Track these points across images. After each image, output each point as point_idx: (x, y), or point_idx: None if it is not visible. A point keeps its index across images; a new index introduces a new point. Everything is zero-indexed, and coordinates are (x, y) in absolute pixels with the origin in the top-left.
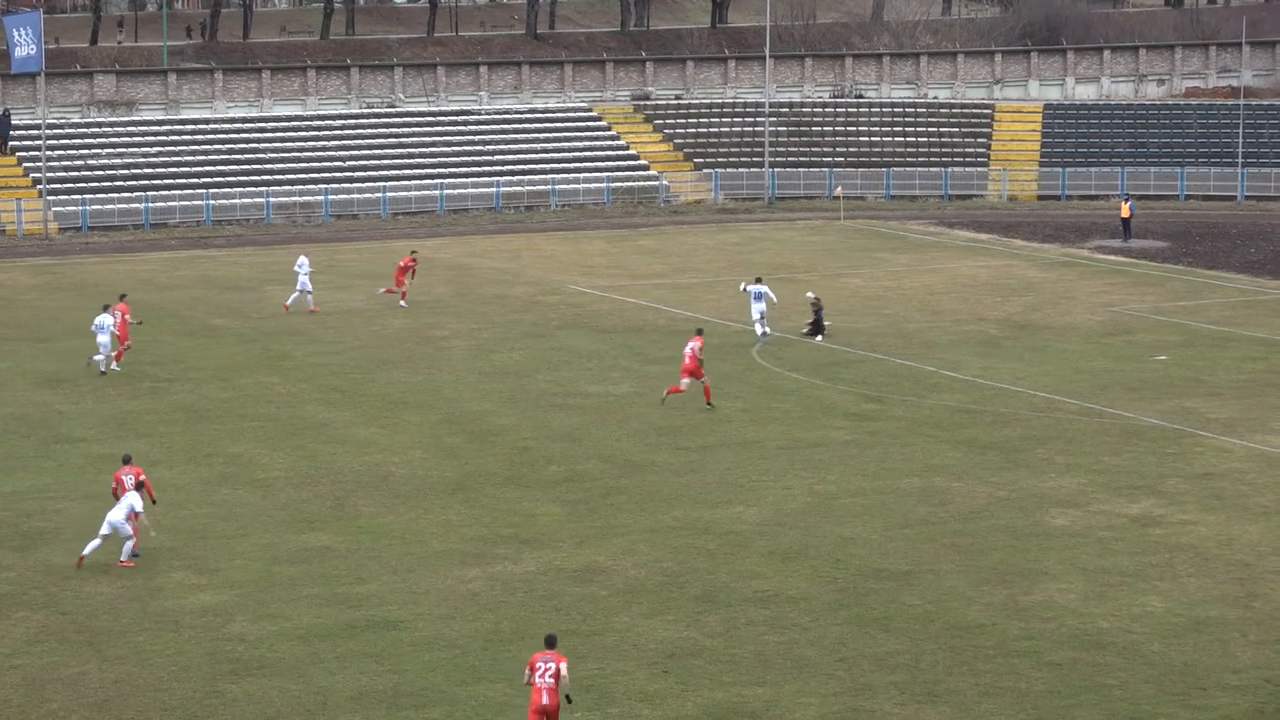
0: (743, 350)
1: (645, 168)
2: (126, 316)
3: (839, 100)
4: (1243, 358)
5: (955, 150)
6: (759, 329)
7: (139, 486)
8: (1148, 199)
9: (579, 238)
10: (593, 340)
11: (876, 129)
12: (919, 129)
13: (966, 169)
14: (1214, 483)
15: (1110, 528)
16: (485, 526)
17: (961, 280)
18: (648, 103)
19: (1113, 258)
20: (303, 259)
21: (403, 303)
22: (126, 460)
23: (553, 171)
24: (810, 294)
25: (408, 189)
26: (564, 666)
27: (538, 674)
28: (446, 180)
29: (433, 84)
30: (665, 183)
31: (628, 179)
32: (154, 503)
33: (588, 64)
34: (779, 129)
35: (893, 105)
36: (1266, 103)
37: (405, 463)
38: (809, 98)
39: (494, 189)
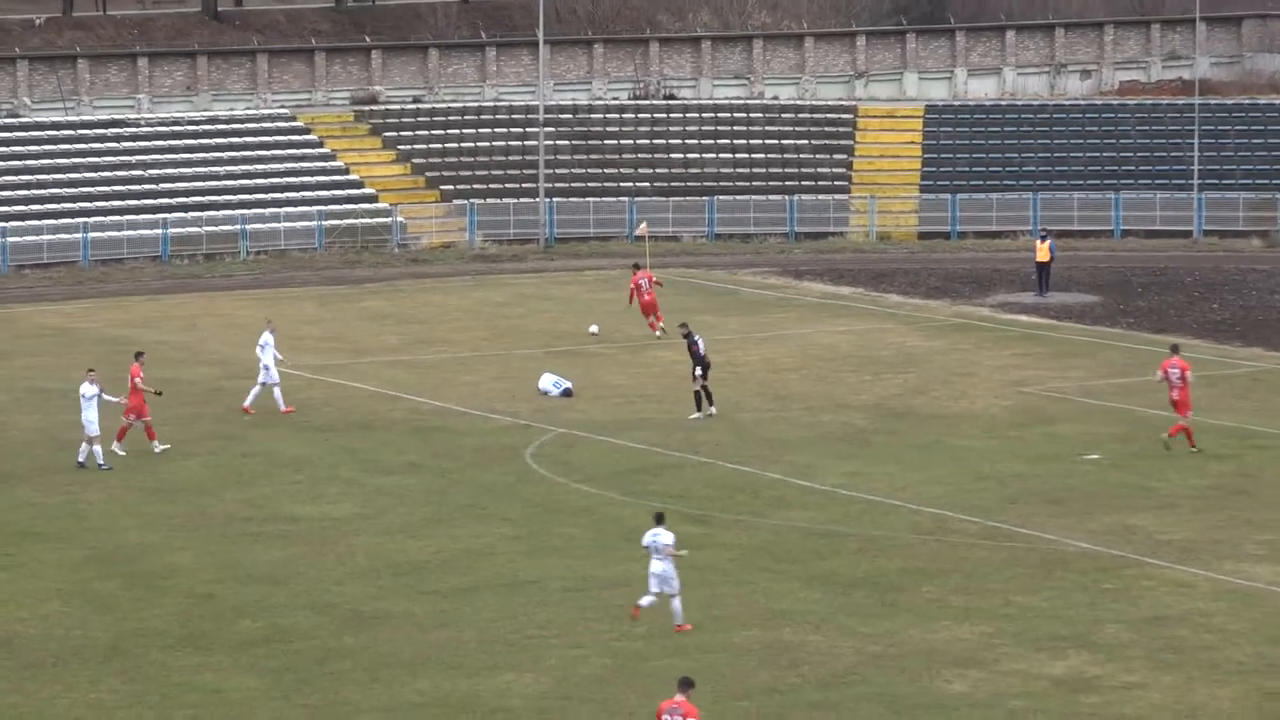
0: (513, 453)
1: (372, 199)
2: (138, 381)
3: (641, 102)
4: (1204, 456)
5: (804, 172)
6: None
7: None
8: (1070, 235)
9: (280, 298)
10: (301, 442)
11: (694, 142)
12: (754, 142)
13: (820, 197)
14: (1168, 630)
15: (1027, 694)
16: (151, 708)
17: (816, 352)
18: (375, 107)
19: (1024, 318)
20: (267, 336)
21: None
22: None
23: (242, 206)
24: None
25: (37, 231)
26: None
27: None
28: (92, 219)
29: (71, 83)
30: (401, 219)
31: (347, 215)
32: None
33: (290, 54)
34: (559, 143)
35: (716, 109)
36: (1230, 101)
37: (37, 619)
38: (600, 99)
39: (159, 231)
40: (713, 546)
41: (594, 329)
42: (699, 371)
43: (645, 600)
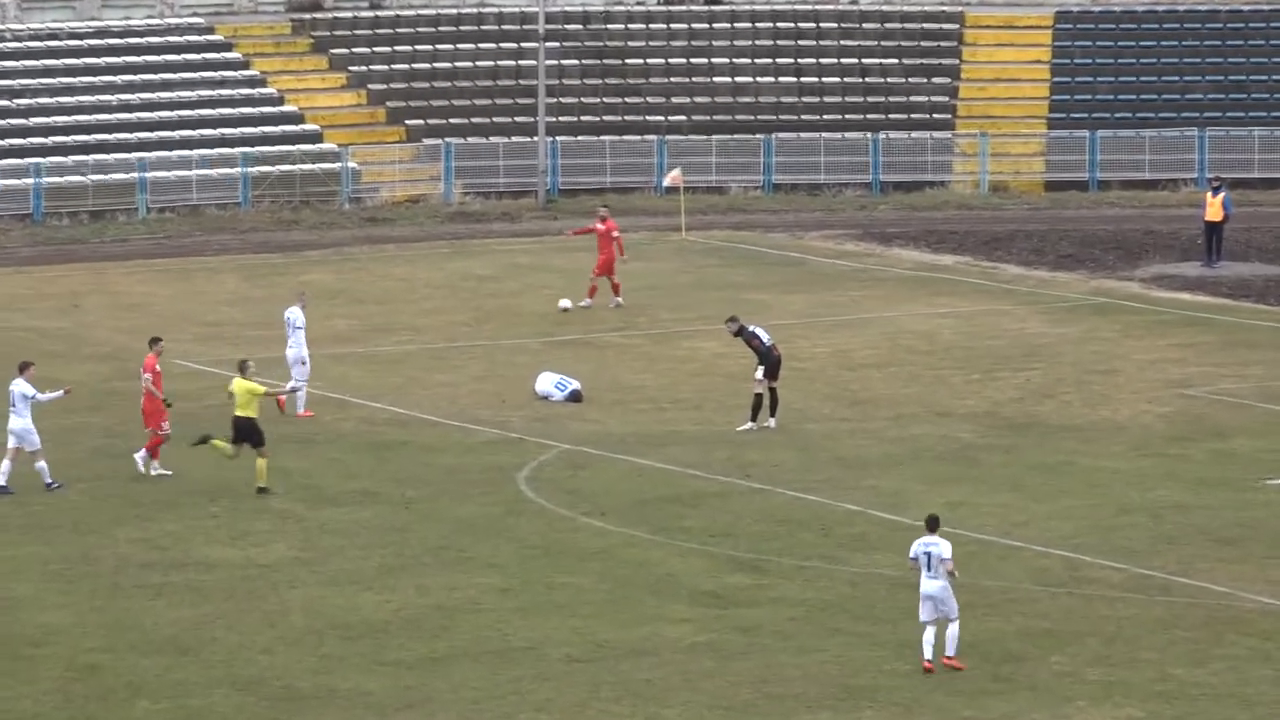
0: (502, 477)
1: (315, 137)
2: (149, 376)
3: (675, 8)
4: None
5: (893, 102)
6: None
7: None
8: (1250, 186)
9: (192, 269)
10: (219, 463)
11: (746, 62)
12: (825, 62)
13: (914, 135)
14: None
15: None
16: None
17: (907, 342)
18: (318, 16)
19: (1187, 296)
20: (296, 311)
21: None
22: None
23: (140, 148)
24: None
25: None
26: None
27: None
28: None
29: None
30: (353, 165)
31: (282, 160)
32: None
33: None
34: (566, 64)
35: (775, 17)
36: None
37: None
38: (620, 3)
39: (29, 181)
40: (768, 602)
41: (565, 304)
42: (763, 372)
43: (929, 642)
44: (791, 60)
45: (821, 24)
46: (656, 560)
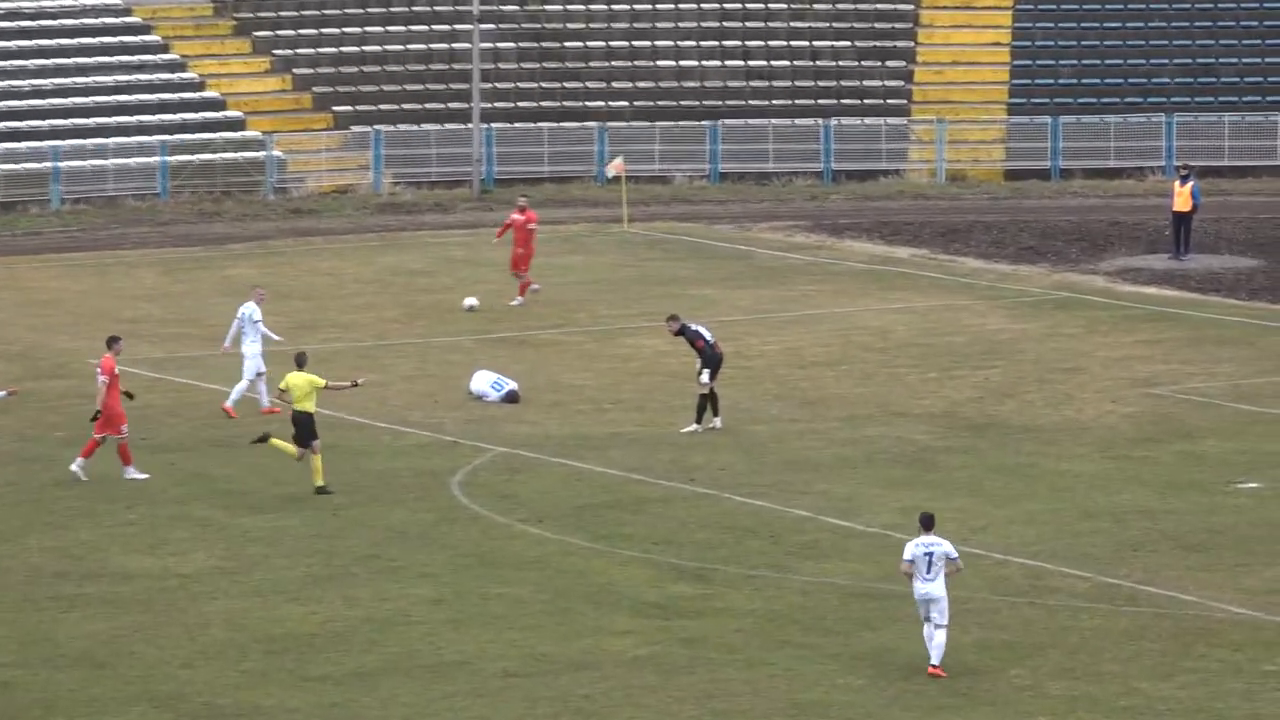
0: (434, 482)
1: (237, 124)
2: (106, 379)
3: None
4: None
5: (846, 86)
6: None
7: None
8: (1221, 174)
9: (108, 264)
10: (136, 467)
11: (691, 44)
12: (775, 44)
13: (868, 122)
14: None
15: None
16: None
17: (860, 339)
18: None
19: (1154, 290)
20: (251, 308)
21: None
22: None
23: (53, 135)
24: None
25: None
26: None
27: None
28: None
29: None
30: (278, 153)
31: (203, 149)
32: None
33: None
34: (502, 46)
35: None
36: None
37: None
38: None
39: None
40: (714, 614)
41: (471, 303)
42: (706, 374)
43: (935, 645)
44: (739, 43)
45: (770, 4)
46: (597, 569)
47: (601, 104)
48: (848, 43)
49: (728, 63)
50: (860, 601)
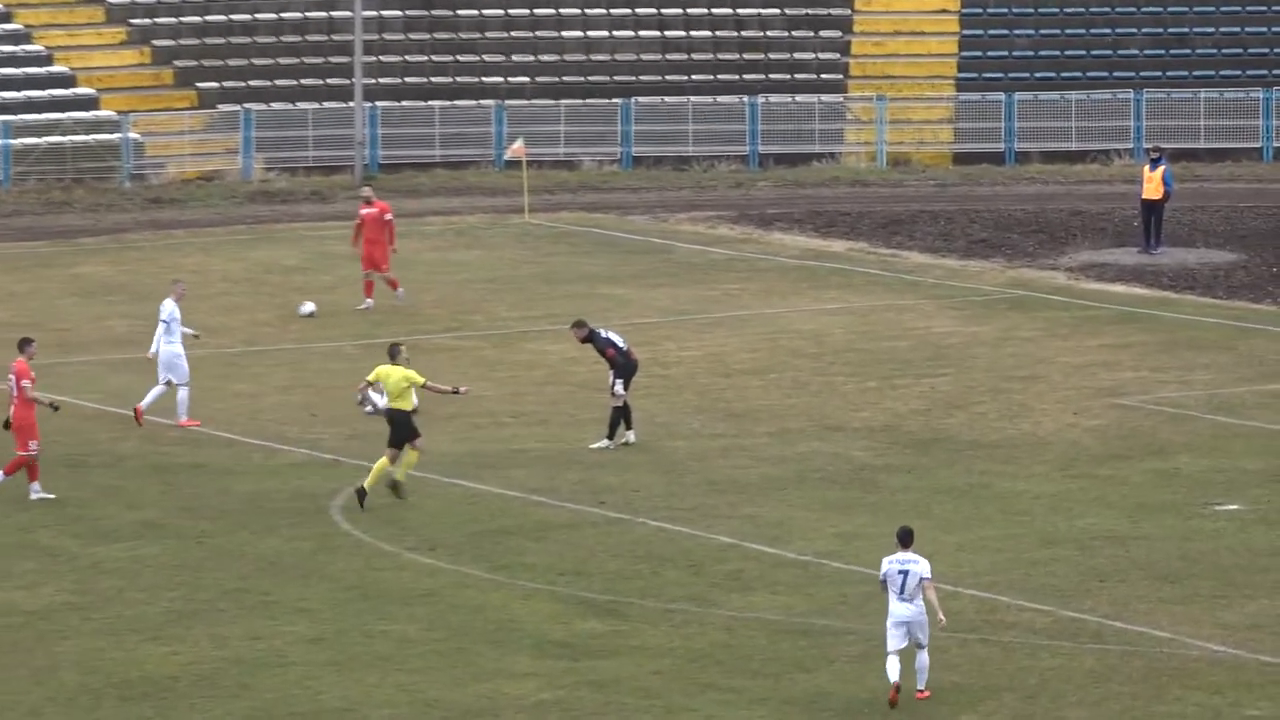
0: (312, 505)
1: (90, 103)
2: (24, 385)
3: None
4: None
5: (775, 60)
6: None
7: None
8: (1196, 158)
9: None
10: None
11: (600, 13)
12: (694, 13)
13: (800, 99)
14: None
15: None
16: None
17: (792, 343)
18: None
19: (1121, 288)
20: (169, 305)
21: None
22: None
23: None
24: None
25: None
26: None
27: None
28: None
29: None
30: (135, 136)
31: (50, 130)
32: None
33: None
34: (387, 15)
35: None
36: None
37: None
38: None
39: None
40: (628, 653)
41: (308, 309)
42: (620, 385)
43: (894, 670)
44: (654, 11)
45: None
46: (495, 604)
47: (500, 80)
48: (776, 10)
49: (641, 33)
50: (791, 639)
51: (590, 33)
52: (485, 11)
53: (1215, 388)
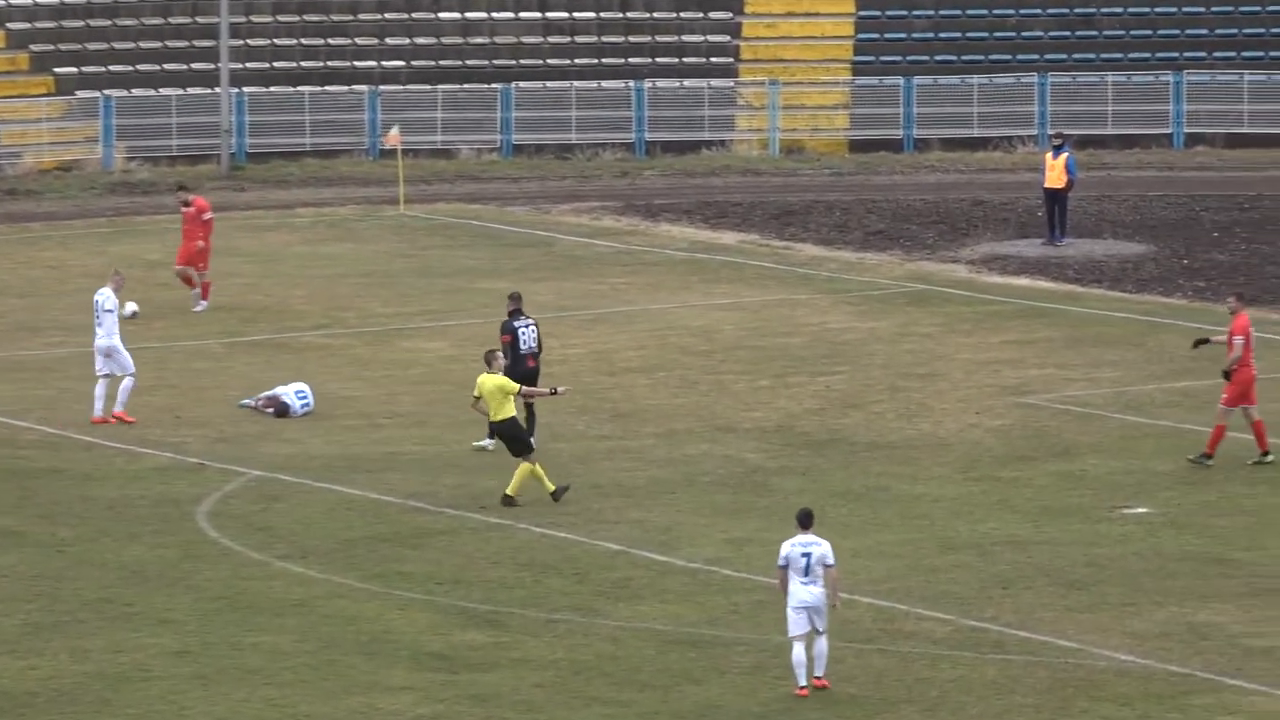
0: (177, 511)
1: None
2: None
3: None
4: None
5: (661, 43)
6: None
7: None
8: (1103, 145)
9: None
10: None
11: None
12: None
13: (687, 84)
14: None
15: None
16: None
17: (680, 340)
18: None
19: (1024, 281)
20: (107, 293)
21: None
22: None
23: None
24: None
25: None
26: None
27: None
28: None
29: None
30: None
31: None
32: None
33: None
34: None
35: None
36: None
37: None
38: None
39: None
40: (509, 665)
41: (130, 310)
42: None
43: (800, 663)
44: None
45: None
46: (370, 614)
47: (373, 64)
48: None
49: (522, 15)
50: (680, 650)
51: (468, 14)
52: None
53: (1123, 385)
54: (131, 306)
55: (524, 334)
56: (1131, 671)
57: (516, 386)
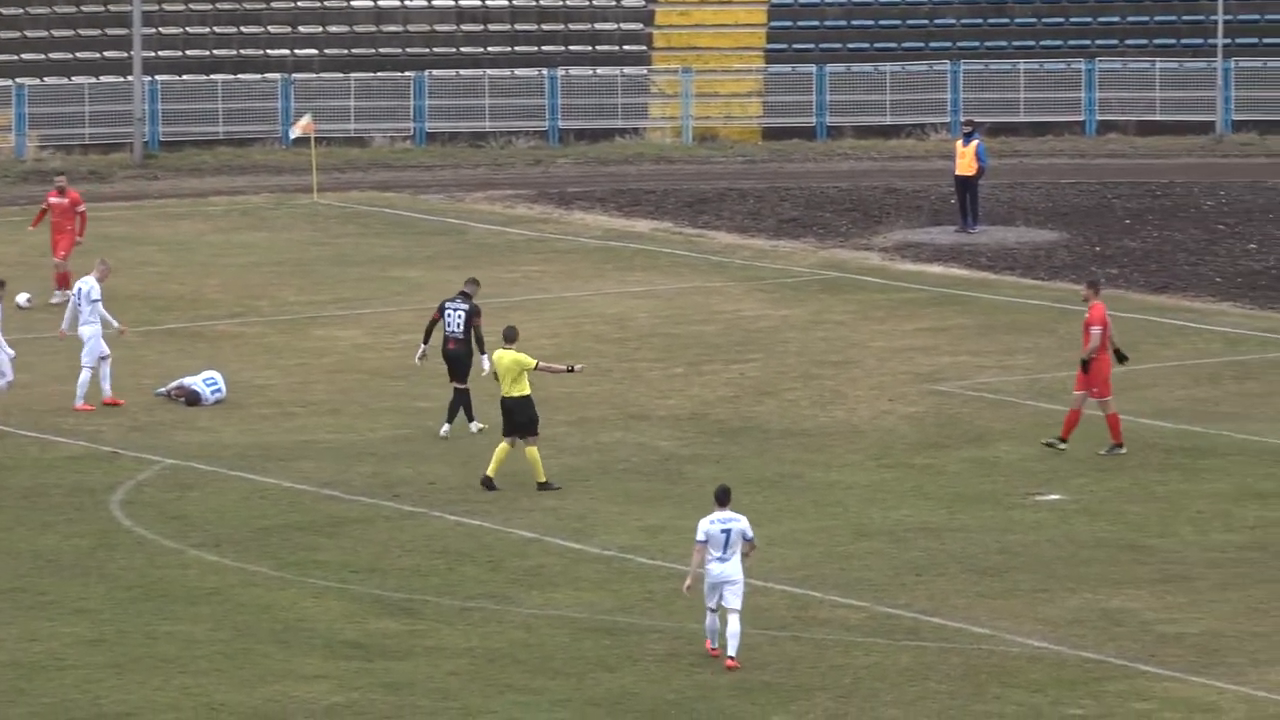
0: (91, 500)
1: None
2: None
3: None
4: (1233, 494)
5: (574, 31)
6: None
7: None
8: (1015, 132)
9: None
10: None
11: None
12: None
13: (600, 72)
14: None
15: None
16: None
17: (593, 328)
18: None
19: (937, 269)
20: (90, 282)
21: None
22: None
23: None
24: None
25: None
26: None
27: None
28: None
29: None
30: None
31: None
32: None
33: None
34: None
35: None
36: None
37: None
38: None
39: None
40: (424, 653)
41: (23, 300)
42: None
43: (711, 628)
44: None
45: None
46: (284, 603)
47: (286, 52)
48: None
49: (435, 3)
50: (594, 637)
51: (381, 2)
52: None
53: (1037, 373)
54: (24, 296)
55: (449, 315)
56: (1045, 658)
57: (533, 362)
